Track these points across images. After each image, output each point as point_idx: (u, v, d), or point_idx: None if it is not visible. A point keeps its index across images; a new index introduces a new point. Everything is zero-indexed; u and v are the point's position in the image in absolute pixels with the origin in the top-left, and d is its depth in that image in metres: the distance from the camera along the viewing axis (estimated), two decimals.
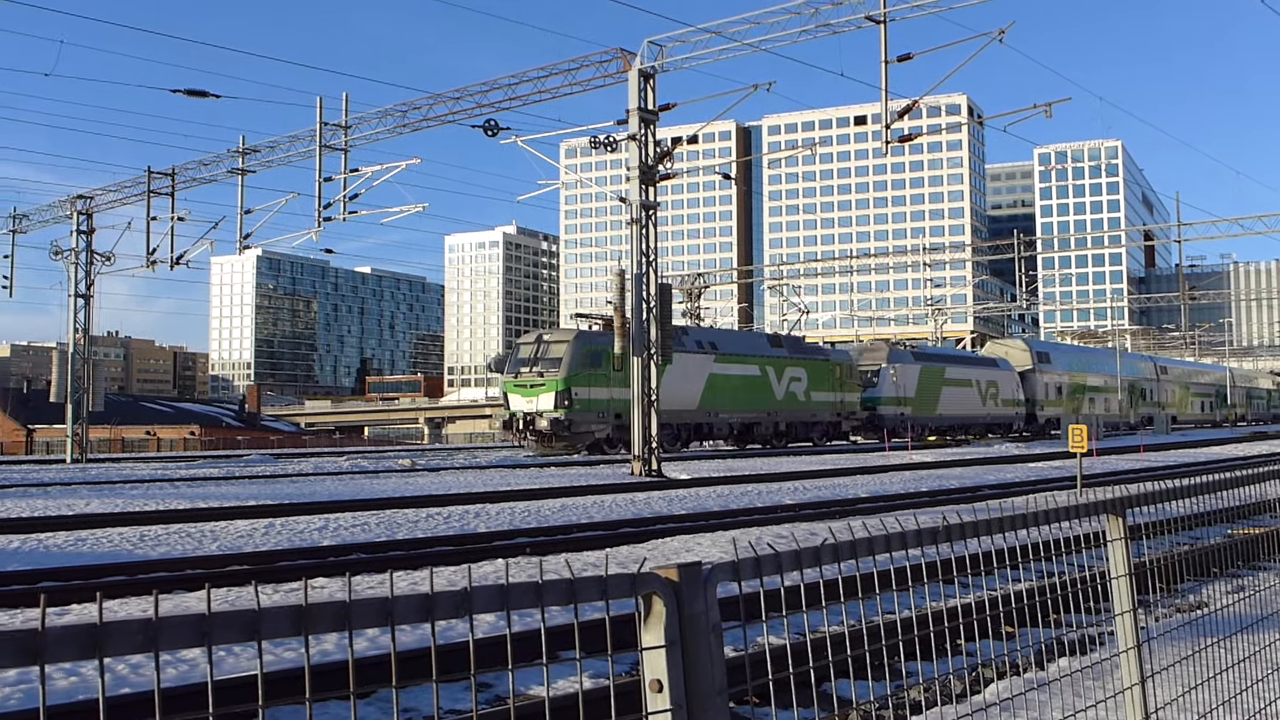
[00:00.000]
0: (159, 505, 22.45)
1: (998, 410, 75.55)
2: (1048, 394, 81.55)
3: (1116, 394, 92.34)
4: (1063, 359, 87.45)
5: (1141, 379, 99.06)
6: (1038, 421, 79.80)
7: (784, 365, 58.57)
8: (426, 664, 8.33)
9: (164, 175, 48.96)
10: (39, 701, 7.42)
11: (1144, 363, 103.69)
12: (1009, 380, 77.58)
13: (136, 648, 1.82)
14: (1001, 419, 76.30)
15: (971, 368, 74.88)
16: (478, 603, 2.24)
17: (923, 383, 68.69)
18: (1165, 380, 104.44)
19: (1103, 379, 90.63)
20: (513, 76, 37.99)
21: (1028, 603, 4.86)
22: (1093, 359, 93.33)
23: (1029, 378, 79.87)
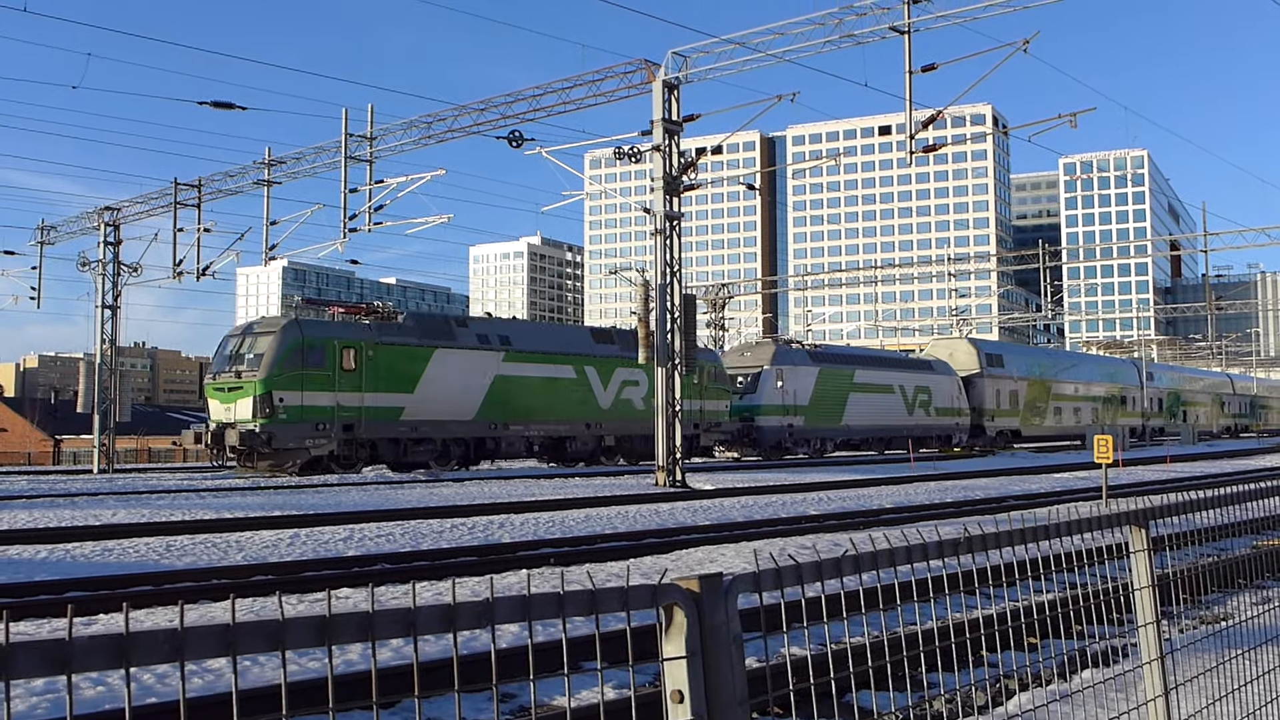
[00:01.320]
0: (185, 515, 22.56)
1: (930, 420, 66.66)
2: (999, 402, 72.77)
3: (1093, 402, 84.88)
4: (1020, 362, 77.49)
5: (1123, 386, 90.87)
6: (985, 434, 71.24)
7: (613, 366, 48.47)
8: (449, 674, 8.35)
9: (190, 187, 49.25)
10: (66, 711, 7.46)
11: (1126, 367, 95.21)
12: (947, 386, 68.33)
13: (163, 657, 1.84)
14: (936, 430, 67.34)
15: (894, 371, 65.05)
16: (500, 613, 2.26)
17: (822, 388, 58.91)
18: (1151, 388, 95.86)
19: (1074, 386, 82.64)
20: (537, 87, 38.13)
21: (1051, 614, 4.86)
22: (1061, 363, 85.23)
23: (976, 383, 70.90)
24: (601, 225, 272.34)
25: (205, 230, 49.29)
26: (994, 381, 72.14)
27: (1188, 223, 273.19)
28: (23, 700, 7.94)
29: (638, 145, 36.06)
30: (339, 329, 40.05)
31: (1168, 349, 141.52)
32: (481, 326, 45.73)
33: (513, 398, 44.21)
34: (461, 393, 42.43)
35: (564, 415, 46.11)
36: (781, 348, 59.44)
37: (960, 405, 69.23)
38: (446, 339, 42.65)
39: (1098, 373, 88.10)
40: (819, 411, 58.45)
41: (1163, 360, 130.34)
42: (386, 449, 40.30)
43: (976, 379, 71.13)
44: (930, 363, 69.26)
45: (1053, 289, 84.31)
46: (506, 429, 43.91)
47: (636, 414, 48.32)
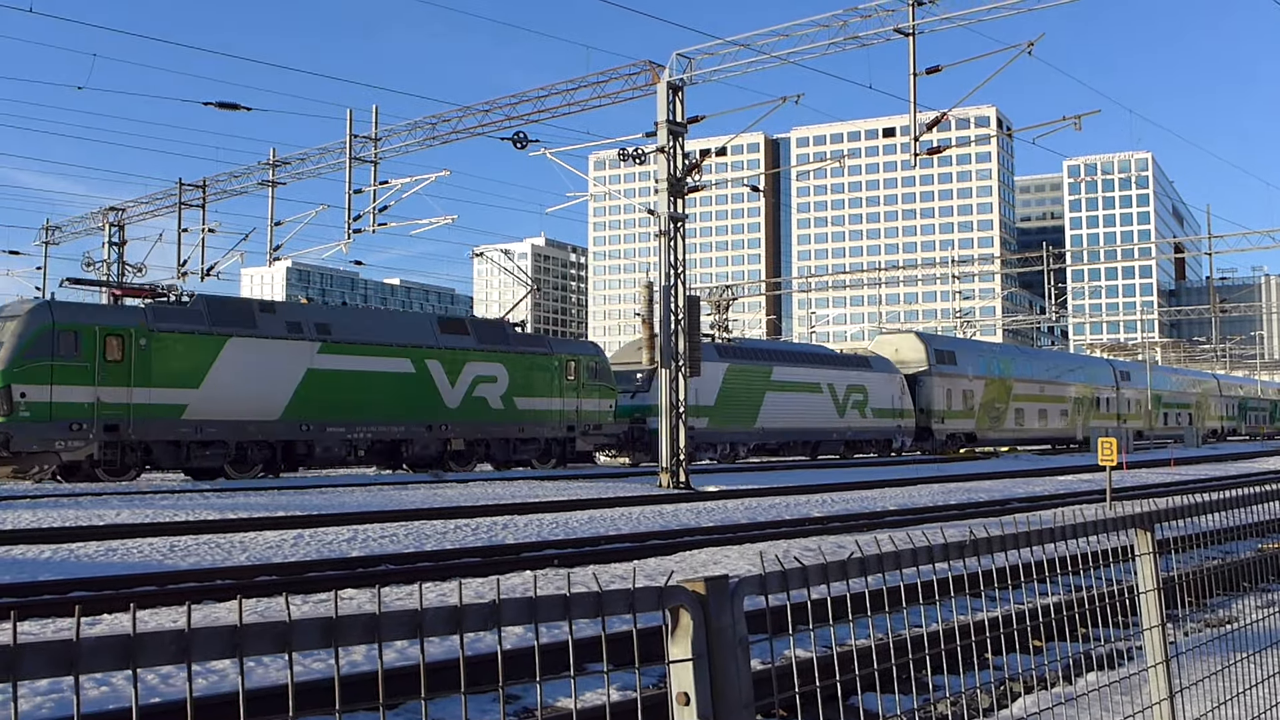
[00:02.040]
0: (189, 516, 22.57)
1: (866, 423, 60.27)
2: (950, 403, 66.59)
3: (1061, 404, 78.92)
4: (976, 359, 70.37)
5: (1097, 387, 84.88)
6: (934, 437, 65.45)
7: (463, 359, 42.97)
8: (455, 675, 8.36)
9: (195, 187, 49.33)
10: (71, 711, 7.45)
11: (1100, 367, 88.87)
12: (886, 384, 62.23)
13: (169, 658, 1.84)
14: (873, 434, 61.14)
15: (820, 368, 58.37)
16: (506, 615, 2.26)
17: (731, 387, 52.78)
18: (1127, 389, 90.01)
19: (1040, 386, 76.38)
20: (542, 89, 38.15)
21: (1056, 617, 4.85)
22: (1025, 361, 77.61)
23: (923, 382, 64.89)
24: (605, 227, 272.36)
25: (210, 231, 49.43)
26: (945, 380, 66.09)
27: (1192, 225, 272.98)
28: (27, 700, 7.94)
29: (642, 147, 36.06)
30: (102, 313, 35.31)
31: (1171, 352, 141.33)
32: (293, 312, 39.79)
33: (331, 394, 38.86)
34: (264, 388, 37.19)
35: (397, 415, 40.66)
36: None
37: (903, 406, 63.35)
38: (244, 326, 37.24)
39: (1069, 372, 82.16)
40: (727, 412, 52.48)
41: (1166, 363, 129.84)
42: (165, 453, 35.46)
43: (924, 377, 65.22)
44: (868, 360, 63.11)
45: (1057, 291, 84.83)
46: (323, 430, 38.61)
47: (492, 414, 43.49)
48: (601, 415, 47.39)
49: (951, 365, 67.26)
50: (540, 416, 45.05)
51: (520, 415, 44.30)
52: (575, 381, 46.16)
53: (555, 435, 45.69)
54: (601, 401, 47.42)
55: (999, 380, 71.62)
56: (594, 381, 47.06)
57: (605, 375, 47.99)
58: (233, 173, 48.80)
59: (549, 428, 45.39)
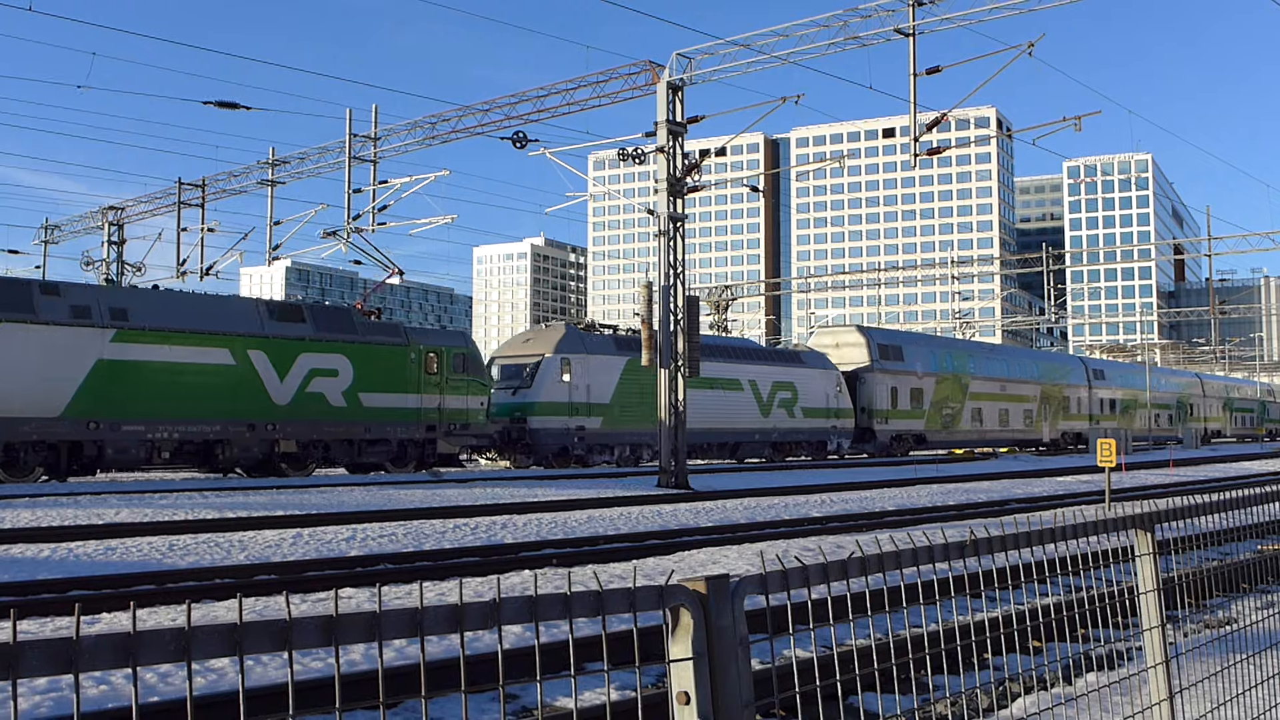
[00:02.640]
0: (187, 515, 22.57)
1: (795, 423, 54.92)
2: (895, 401, 61.14)
3: (1025, 403, 73.33)
4: (925, 355, 65.01)
5: (1066, 386, 79.18)
6: (876, 439, 60.19)
7: (296, 350, 38.07)
8: (455, 674, 8.36)
9: (194, 186, 49.34)
10: (69, 709, 7.45)
11: (1068, 365, 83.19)
12: (820, 382, 56.87)
13: (169, 657, 1.84)
14: (804, 435, 55.76)
15: (740, 363, 52.87)
16: (506, 614, 2.26)
17: (631, 383, 47.24)
18: (1101, 388, 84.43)
19: (1000, 384, 70.75)
20: (541, 89, 38.15)
21: (1055, 617, 4.84)
22: (982, 357, 71.34)
23: (864, 379, 59.77)
24: (605, 226, 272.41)
25: (209, 230, 49.42)
26: (889, 377, 60.68)
27: (1191, 227, 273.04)
28: (25, 699, 7.94)
29: (641, 146, 36.05)
30: None
31: (1171, 353, 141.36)
32: (82, 295, 34.62)
33: (128, 389, 34.19)
34: (42, 381, 32.64)
35: (212, 413, 35.90)
36: (573, 332, 47.58)
37: (839, 405, 57.93)
38: (17, 310, 32.62)
39: (1033, 370, 75.95)
40: (627, 411, 46.98)
41: (1165, 364, 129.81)
42: None
43: (865, 374, 59.99)
44: (799, 355, 58.18)
45: (1056, 292, 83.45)
46: (116, 430, 33.83)
47: (332, 412, 38.68)
48: (470, 414, 42.61)
49: (897, 361, 61.70)
50: (391, 415, 40.26)
51: (367, 413, 39.56)
52: (437, 376, 41.48)
53: (411, 436, 41.01)
54: (470, 399, 42.60)
55: (953, 378, 66.30)
56: (460, 376, 42.23)
57: (476, 369, 43.16)
58: (232, 172, 48.82)
59: (403, 428, 40.69)
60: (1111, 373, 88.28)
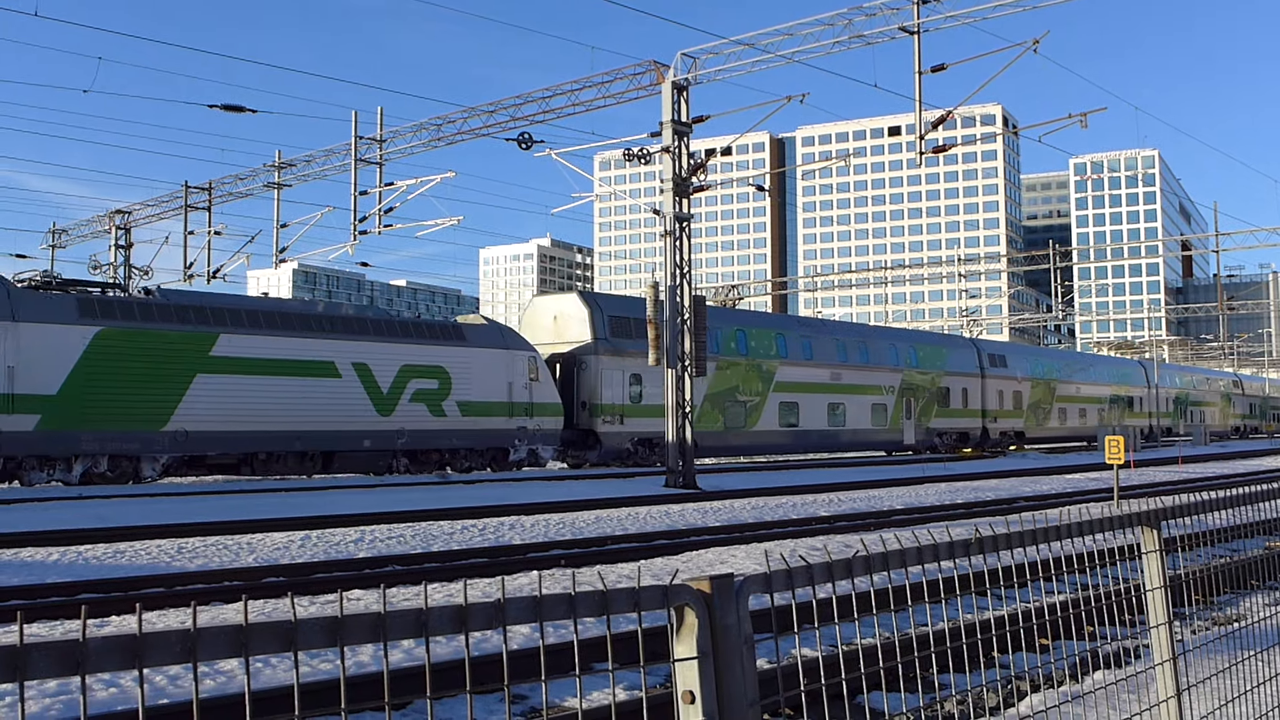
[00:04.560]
0: (196, 518, 22.59)
1: (448, 422, 40.62)
2: (633, 393, 45.86)
3: (878, 395, 58.58)
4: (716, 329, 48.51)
5: (937, 374, 63.30)
6: (602, 444, 45.21)
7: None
8: (461, 675, 8.36)
9: (201, 189, 49.42)
10: (78, 712, 7.45)
11: (960, 349, 67.30)
12: (494, 366, 41.96)
13: (176, 658, 1.84)
14: (462, 437, 41.21)
15: (344, 339, 38.10)
16: (512, 614, 2.26)
17: (104, 364, 32.86)
18: (995, 374, 68.81)
19: (833, 372, 55.65)
20: (546, 89, 38.16)
21: (1063, 615, 4.84)
22: (808, 335, 55.53)
23: (588, 364, 44.95)
24: (611, 227, 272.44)
25: (216, 233, 49.51)
26: (620, 360, 45.51)
27: (1199, 223, 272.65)
28: (34, 701, 7.96)
29: (647, 147, 36.06)
30: None
31: (1179, 349, 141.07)
32: None
33: None
34: None
35: None
36: None
37: (531, 398, 42.94)
38: None
39: (888, 354, 60.07)
40: (91, 406, 32.55)
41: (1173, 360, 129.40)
42: None
43: (586, 356, 45.22)
44: (462, 329, 42.69)
45: (1063, 289, 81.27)
46: None
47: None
48: None
49: (626, 339, 46.04)
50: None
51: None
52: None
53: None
54: None
55: (745, 363, 50.79)
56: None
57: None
58: (238, 175, 48.87)
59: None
60: (1014, 358, 72.50)
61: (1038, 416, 72.59)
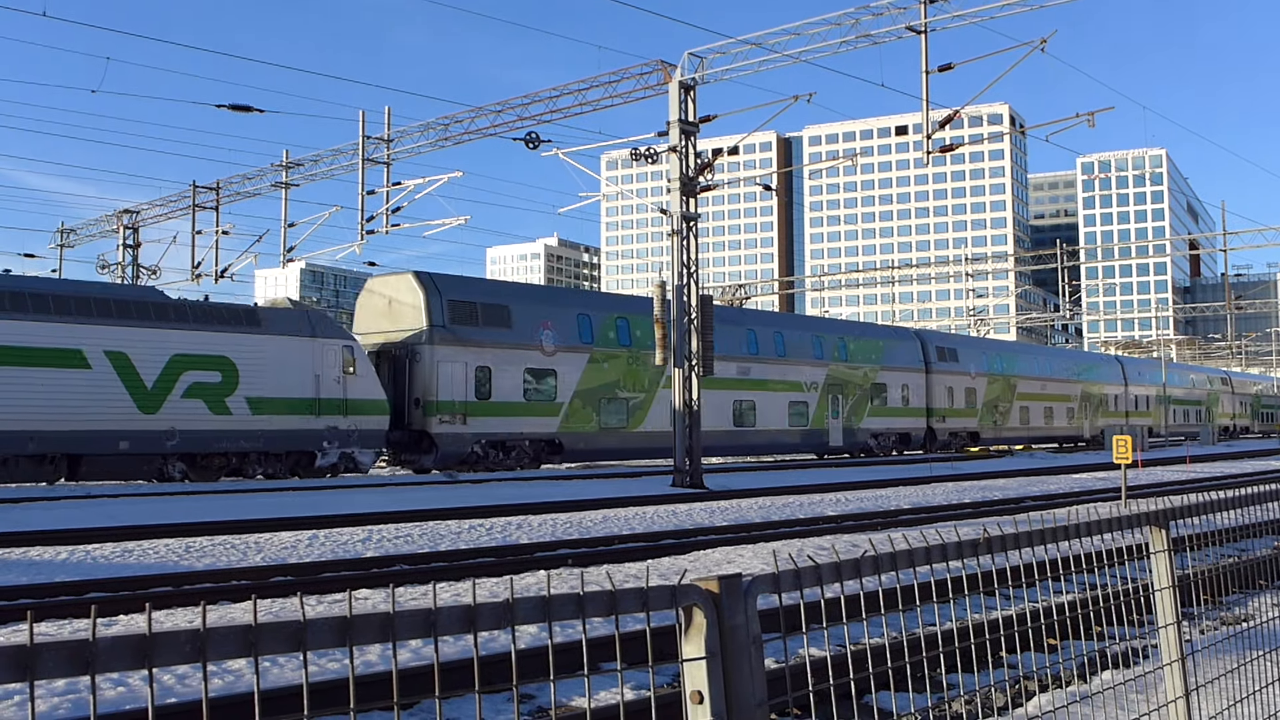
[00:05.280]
0: (205, 517, 22.63)
1: (233, 422, 34.83)
2: (484, 388, 40.15)
3: (793, 392, 51.76)
4: (540, 314, 42.86)
5: (880, 369, 57.60)
6: (439, 447, 39.07)
7: None
8: (469, 675, 8.37)
9: (209, 189, 49.49)
10: (87, 711, 7.47)
11: (901, 342, 60.74)
12: (296, 357, 36.27)
13: (184, 658, 1.85)
14: (254, 439, 35.22)
15: (95, 323, 32.55)
16: (520, 614, 2.26)
17: None
18: (942, 370, 62.11)
19: (740, 366, 49.47)
20: (554, 89, 38.17)
21: (1071, 615, 4.84)
22: (732, 329, 48.90)
23: (422, 354, 39.07)
24: (618, 226, 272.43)
25: (223, 232, 49.58)
26: (463, 351, 39.78)
27: (1207, 222, 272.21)
28: (44, 700, 7.97)
29: (654, 146, 36.05)
30: None
31: (1187, 349, 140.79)
32: None
33: None
34: None
35: None
36: None
37: (345, 394, 36.85)
38: None
39: (778, 345, 52.15)
40: None
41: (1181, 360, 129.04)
42: None
43: (421, 347, 39.27)
44: (256, 314, 36.62)
45: (1071, 289, 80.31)
46: None
47: None
48: None
49: (473, 328, 40.40)
50: None
51: None
52: None
53: None
54: None
55: (626, 355, 45.08)
56: None
57: None
58: (246, 174, 48.93)
59: None
60: (970, 352, 66.08)
61: (994, 416, 66.23)
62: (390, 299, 40.81)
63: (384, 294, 41.28)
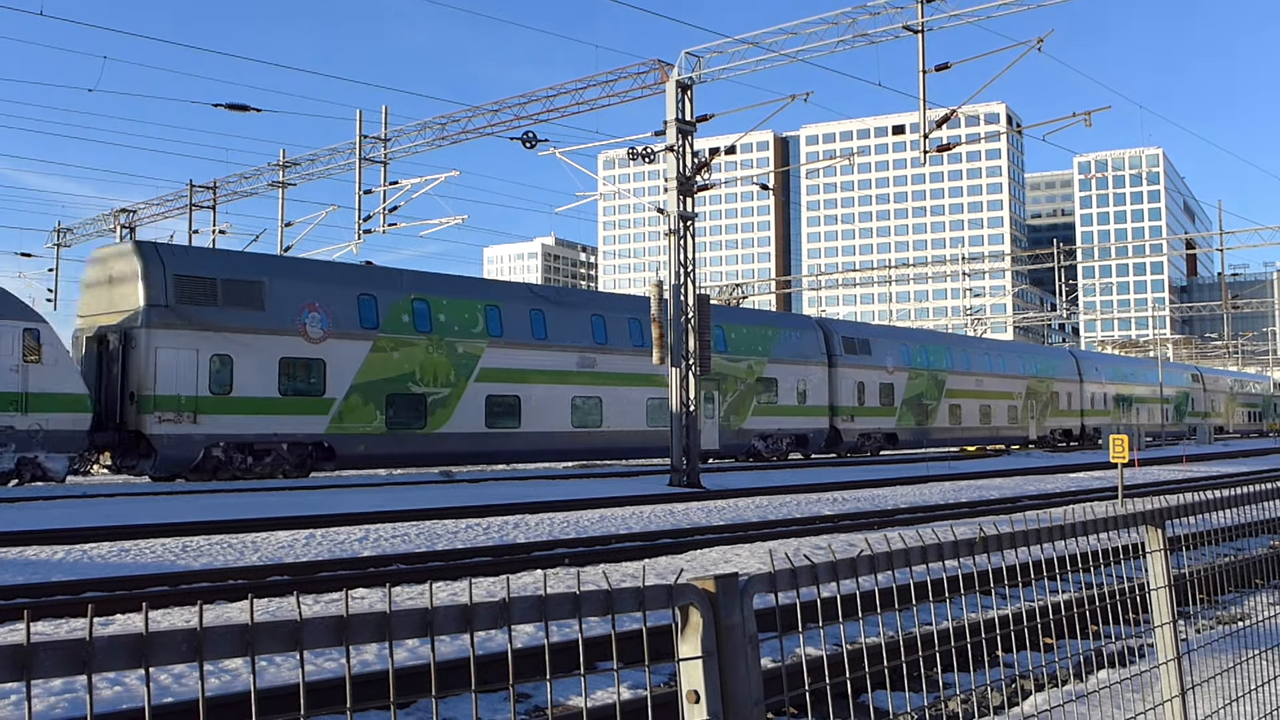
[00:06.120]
0: (201, 516, 22.61)
1: None
2: (218, 381, 33.44)
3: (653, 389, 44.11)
4: (292, 294, 35.39)
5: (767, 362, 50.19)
6: (160, 449, 32.20)
7: None
8: (465, 674, 8.36)
9: (206, 188, 49.48)
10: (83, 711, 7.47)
11: (796, 331, 52.94)
12: None
13: (182, 657, 1.85)
14: None
15: None
16: (516, 614, 2.27)
17: None
18: (850, 366, 54.84)
19: (631, 359, 44.05)
20: (551, 88, 38.19)
21: (1067, 614, 4.84)
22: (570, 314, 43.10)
23: (136, 339, 32.43)
24: (615, 226, 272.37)
25: (221, 232, 49.61)
26: (195, 336, 33.11)
27: (1203, 221, 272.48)
28: (40, 700, 7.97)
29: (651, 145, 36.06)
30: None
31: (1183, 348, 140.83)
32: None
33: None
34: None
35: None
36: None
37: (32, 386, 30.11)
38: None
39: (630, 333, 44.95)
40: None
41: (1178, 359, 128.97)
42: None
43: (137, 331, 32.48)
44: None
45: (1067, 288, 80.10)
46: None
47: None
48: None
49: (236, 310, 34.08)
50: None
51: None
52: None
53: None
54: None
55: (426, 342, 38.22)
56: None
57: None
58: (243, 174, 48.95)
59: None
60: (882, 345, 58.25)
61: (917, 414, 59.10)
62: (111, 274, 34.06)
63: (105, 268, 34.54)
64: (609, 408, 43.45)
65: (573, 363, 42.40)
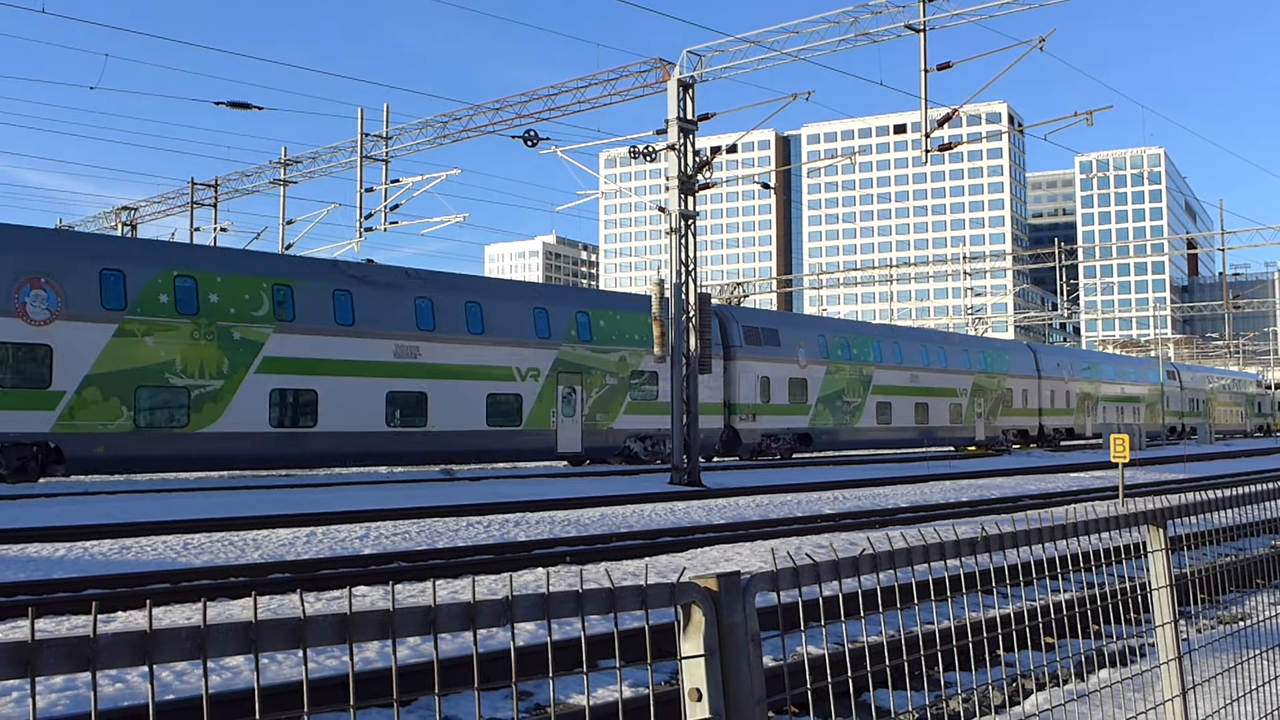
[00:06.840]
0: (202, 513, 22.62)
1: None
2: None
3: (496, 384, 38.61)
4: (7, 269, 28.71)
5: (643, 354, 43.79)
6: None
7: None
8: (468, 672, 8.38)
9: (207, 186, 49.49)
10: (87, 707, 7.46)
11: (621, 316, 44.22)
12: None
13: (185, 655, 1.85)
14: None
15: None
16: (519, 612, 2.27)
17: None
18: (750, 356, 48.49)
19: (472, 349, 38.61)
20: (552, 87, 38.19)
21: (1068, 613, 4.84)
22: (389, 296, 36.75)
23: None
24: (616, 224, 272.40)
25: (222, 230, 49.59)
26: None
27: (1205, 221, 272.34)
28: (42, 697, 7.98)
29: (653, 144, 36.07)
30: None
31: (1185, 348, 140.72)
32: None
33: None
34: None
35: None
36: None
37: None
38: None
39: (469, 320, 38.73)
40: None
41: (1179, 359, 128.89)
42: None
43: None
44: None
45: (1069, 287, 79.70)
46: None
47: None
48: None
49: None
50: None
51: None
52: None
53: None
54: None
55: (189, 326, 32.16)
56: None
57: None
58: (244, 172, 48.95)
59: None
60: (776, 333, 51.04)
61: (837, 413, 52.79)
62: None
63: None
64: (436, 405, 37.54)
65: (388, 352, 36.49)
